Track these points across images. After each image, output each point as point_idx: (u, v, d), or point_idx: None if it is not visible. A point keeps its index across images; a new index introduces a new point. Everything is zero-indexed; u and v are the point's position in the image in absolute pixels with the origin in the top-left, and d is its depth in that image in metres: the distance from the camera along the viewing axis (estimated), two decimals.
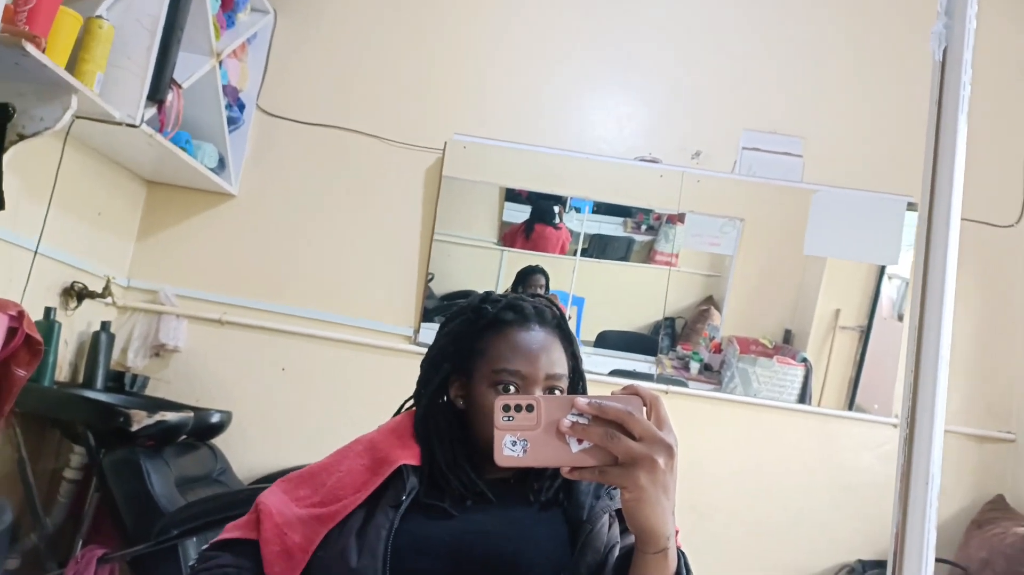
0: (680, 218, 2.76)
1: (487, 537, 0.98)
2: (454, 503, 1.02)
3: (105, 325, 2.48)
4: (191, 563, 0.99)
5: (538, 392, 1.05)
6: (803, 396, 2.65)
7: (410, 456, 1.06)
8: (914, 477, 0.55)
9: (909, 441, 0.55)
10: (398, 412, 1.19)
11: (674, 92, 2.84)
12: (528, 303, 1.13)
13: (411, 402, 1.17)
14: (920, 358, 0.56)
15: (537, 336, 1.09)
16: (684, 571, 0.86)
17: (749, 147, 2.77)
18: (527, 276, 2.75)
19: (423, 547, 0.97)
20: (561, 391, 1.08)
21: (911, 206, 2.67)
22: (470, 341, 1.12)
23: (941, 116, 0.57)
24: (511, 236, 2.81)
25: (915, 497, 0.54)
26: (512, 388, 1.05)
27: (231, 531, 1.03)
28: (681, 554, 0.87)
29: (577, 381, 1.15)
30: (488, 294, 1.17)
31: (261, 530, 1.00)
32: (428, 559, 0.96)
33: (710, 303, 2.77)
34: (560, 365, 1.09)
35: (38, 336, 1.75)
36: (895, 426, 2.63)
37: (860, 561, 2.48)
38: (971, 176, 0.68)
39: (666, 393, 2.64)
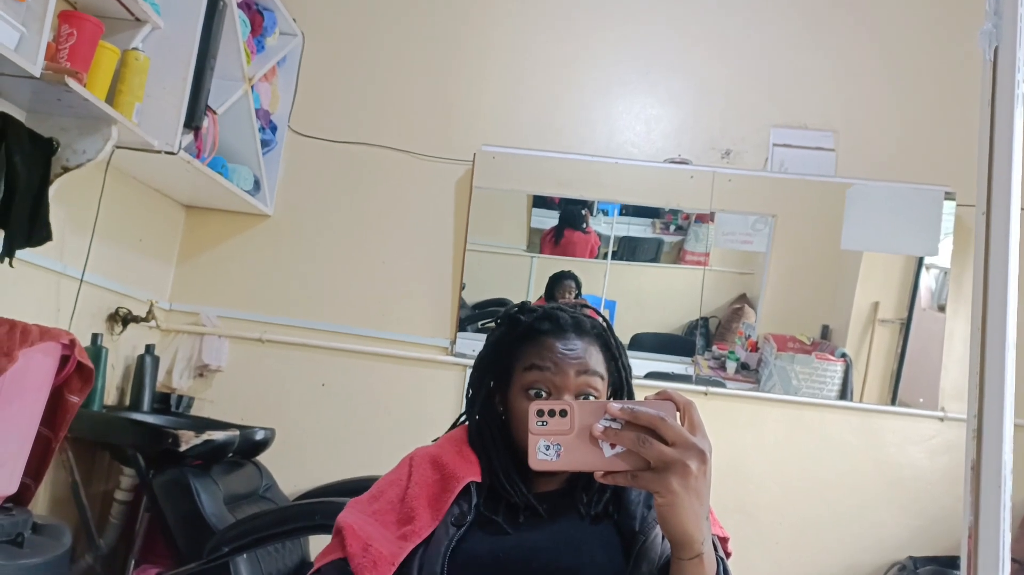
0: (710, 217, 2.75)
1: (541, 553, 0.98)
2: (508, 519, 1.03)
3: (149, 348, 2.53)
4: None
5: (568, 394, 1.06)
6: (843, 392, 2.62)
7: (475, 472, 1.06)
8: (985, 474, 0.54)
9: (978, 437, 0.55)
10: (455, 425, 1.20)
11: (701, 92, 2.84)
12: (566, 314, 1.14)
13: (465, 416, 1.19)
14: (985, 353, 0.56)
15: (572, 345, 1.09)
16: None
17: (780, 143, 2.76)
18: (558, 282, 2.76)
19: (478, 565, 0.97)
20: (595, 395, 1.08)
21: (948, 196, 2.63)
22: (508, 351, 1.14)
23: (995, 114, 0.58)
24: (542, 242, 2.82)
25: (987, 495, 0.54)
26: (542, 388, 1.06)
27: (320, 561, 1.03)
28: (720, 560, 0.87)
29: (624, 394, 1.15)
30: (524, 304, 1.18)
31: (346, 546, 1.00)
32: None
33: (744, 301, 2.75)
34: (595, 363, 1.09)
35: (89, 363, 1.79)
36: (942, 419, 2.58)
37: (911, 558, 2.44)
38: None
39: (705, 394, 2.62)
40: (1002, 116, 0.60)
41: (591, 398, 1.08)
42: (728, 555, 1.01)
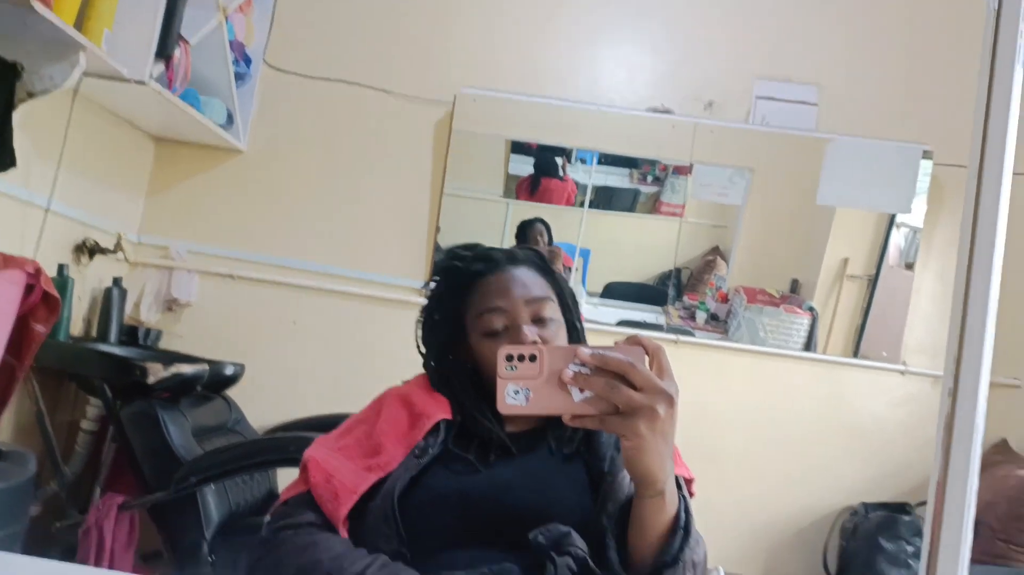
0: (688, 169, 2.75)
1: (511, 491, 1.00)
2: (479, 457, 1.04)
3: (117, 281, 2.51)
4: (267, 523, 1.01)
5: (525, 324, 1.07)
6: (809, 344, 2.67)
7: (445, 411, 1.08)
8: (957, 431, 0.56)
9: (953, 396, 0.57)
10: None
11: (687, 41, 2.80)
12: (499, 251, 1.16)
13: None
14: (967, 314, 0.57)
15: (509, 273, 1.12)
16: (684, 514, 0.87)
17: (763, 96, 2.74)
18: (528, 227, 2.75)
19: (445, 502, 0.99)
20: (551, 318, 1.10)
21: (926, 154, 2.65)
22: (451, 302, 1.15)
23: (995, 66, 0.58)
24: (518, 189, 2.81)
25: (958, 451, 0.55)
26: (499, 326, 1.08)
27: (287, 494, 1.05)
28: (683, 498, 0.89)
29: (573, 328, 1.17)
30: (453, 251, 1.19)
31: (309, 478, 1.01)
32: (451, 513, 0.98)
33: (716, 253, 2.77)
34: (539, 288, 1.12)
35: (55, 293, 1.77)
36: (903, 373, 2.65)
37: (863, 503, 2.52)
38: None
39: (675, 343, 2.66)
40: (1002, 72, 0.59)
41: (550, 323, 1.09)
42: (692, 495, 1.03)
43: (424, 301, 1.21)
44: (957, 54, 2.67)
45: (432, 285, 1.20)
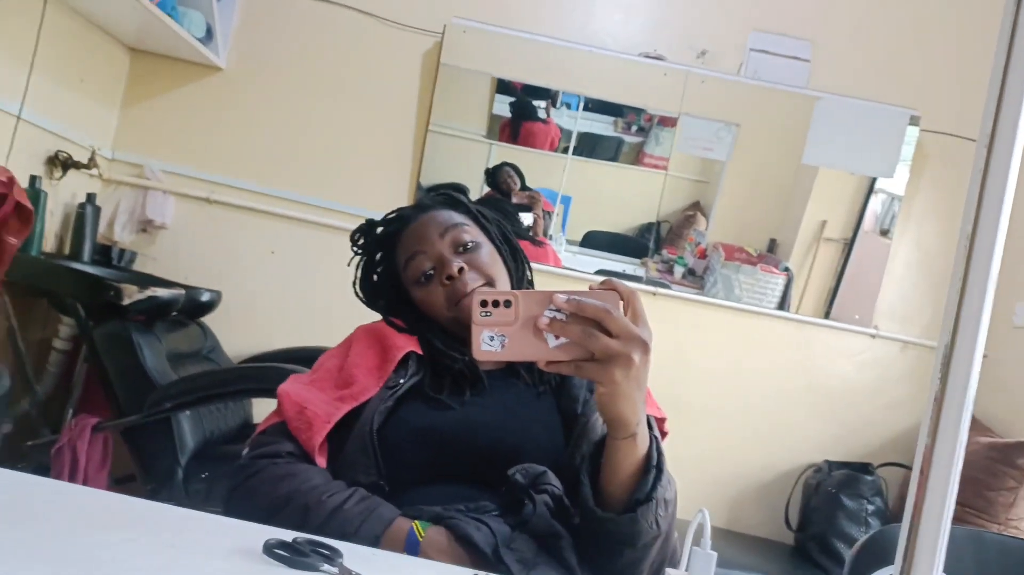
0: (674, 121, 2.72)
1: (484, 429, 1.01)
2: (452, 395, 1.05)
3: (91, 197, 2.42)
4: (245, 453, 1.00)
5: (449, 255, 1.09)
6: (783, 304, 2.71)
7: (415, 344, 1.09)
8: (947, 402, 0.57)
9: (947, 365, 0.57)
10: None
11: None
12: (407, 207, 1.19)
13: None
14: (966, 287, 0.56)
15: (421, 218, 1.14)
16: (656, 454, 0.88)
17: (757, 49, 2.71)
18: (498, 171, 2.72)
19: (419, 437, 1.00)
20: (472, 241, 1.11)
21: (913, 120, 2.66)
22: (384, 266, 1.19)
23: (1014, 42, 0.56)
24: (500, 131, 2.76)
25: (947, 420, 0.56)
26: (427, 267, 1.09)
27: (264, 425, 1.05)
28: (654, 437, 0.90)
29: (512, 248, 1.18)
30: (371, 222, 1.21)
31: (283, 410, 1.02)
32: (428, 449, 0.99)
33: (697, 209, 2.77)
34: (450, 218, 1.13)
35: (28, 203, 1.70)
36: (873, 336, 2.71)
37: (827, 461, 2.60)
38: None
39: (653, 295, 2.67)
40: (1021, 45, 0.58)
41: (473, 247, 1.10)
42: (664, 435, 1.05)
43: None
44: (954, 22, 2.67)
45: (356, 259, 1.21)
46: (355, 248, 1.20)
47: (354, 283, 1.21)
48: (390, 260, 1.18)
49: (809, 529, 2.49)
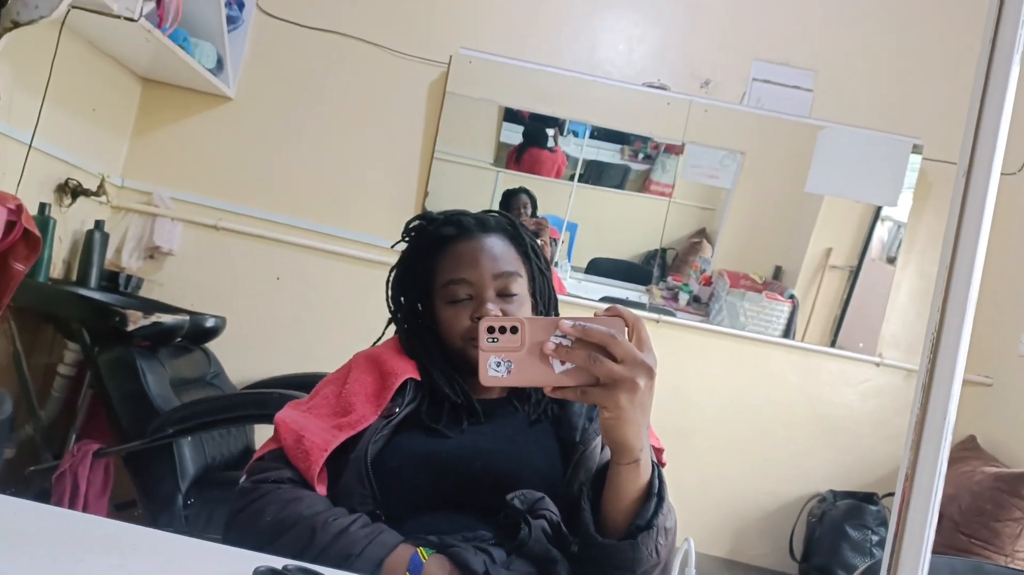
0: (679, 148, 2.74)
1: (482, 455, 1.01)
2: (449, 426, 1.05)
3: (99, 224, 2.45)
4: (244, 479, 1.01)
5: (490, 301, 1.08)
6: (788, 332, 2.70)
7: (413, 371, 1.09)
8: (928, 425, 0.57)
9: (927, 389, 0.57)
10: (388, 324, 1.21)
11: (689, 17, 2.78)
12: (469, 217, 1.15)
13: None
14: (946, 311, 0.57)
15: (480, 242, 1.11)
16: (657, 482, 0.89)
17: (760, 78, 2.73)
18: (512, 197, 2.73)
19: (416, 463, 1.00)
20: (516, 294, 1.10)
21: (916, 148, 2.66)
22: (420, 264, 1.15)
23: (992, 65, 0.57)
24: (508, 158, 2.78)
25: (928, 444, 0.57)
26: (464, 296, 1.08)
27: (261, 452, 1.05)
28: (655, 465, 0.90)
29: (547, 298, 1.17)
30: (426, 213, 1.19)
31: (280, 438, 1.02)
32: (425, 476, 0.99)
33: (703, 236, 2.78)
34: (508, 263, 1.11)
35: (36, 231, 1.72)
36: (878, 365, 2.69)
37: (832, 491, 2.57)
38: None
39: (657, 322, 2.67)
40: (999, 68, 0.59)
41: (514, 299, 1.09)
42: (663, 465, 1.04)
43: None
44: (954, 50, 2.68)
45: (403, 245, 1.20)
46: (405, 235, 1.19)
47: (391, 270, 1.20)
48: (430, 261, 1.14)
49: (813, 559, 2.45)
